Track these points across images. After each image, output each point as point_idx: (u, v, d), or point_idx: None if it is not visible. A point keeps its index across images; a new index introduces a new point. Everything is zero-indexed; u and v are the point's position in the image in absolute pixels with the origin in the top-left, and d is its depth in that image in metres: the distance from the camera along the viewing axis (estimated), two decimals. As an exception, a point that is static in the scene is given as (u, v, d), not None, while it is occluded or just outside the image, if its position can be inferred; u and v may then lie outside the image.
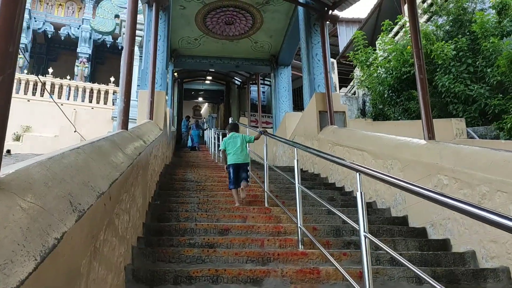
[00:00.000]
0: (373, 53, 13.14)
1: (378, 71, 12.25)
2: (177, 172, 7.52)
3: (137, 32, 13.63)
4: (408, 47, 10.81)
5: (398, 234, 4.31)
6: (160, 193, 5.55)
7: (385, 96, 12.09)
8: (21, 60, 22.32)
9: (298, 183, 3.96)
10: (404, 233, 4.35)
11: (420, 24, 7.18)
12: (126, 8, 19.87)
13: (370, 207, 5.43)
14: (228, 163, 5.57)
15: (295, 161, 4.12)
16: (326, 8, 8.65)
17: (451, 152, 4.15)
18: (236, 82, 22.61)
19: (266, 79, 20.97)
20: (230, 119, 9.62)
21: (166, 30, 8.81)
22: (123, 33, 19.02)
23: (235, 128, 6.00)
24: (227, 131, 6.08)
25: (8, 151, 16.89)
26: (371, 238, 2.41)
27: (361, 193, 2.53)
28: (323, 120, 8.08)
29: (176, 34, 11.81)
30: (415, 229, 4.43)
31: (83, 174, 2.05)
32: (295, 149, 4.35)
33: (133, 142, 3.96)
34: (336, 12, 8.76)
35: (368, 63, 13.30)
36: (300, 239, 3.75)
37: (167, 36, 8.82)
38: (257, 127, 18.51)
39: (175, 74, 18.42)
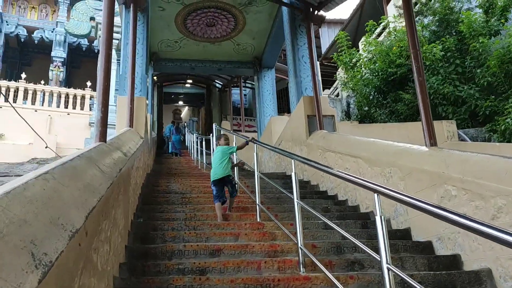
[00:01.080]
0: (357, 54, 12.94)
1: (363, 73, 12.04)
2: (160, 182, 7.09)
3: (114, 35, 13.10)
4: (394, 48, 10.63)
5: (403, 249, 4.00)
6: (143, 208, 5.13)
7: (371, 97, 11.89)
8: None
9: (297, 199, 3.60)
10: (409, 248, 4.04)
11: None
12: (101, 10, 19.31)
13: (367, 218, 5.12)
14: (211, 179, 5.33)
15: (293, 174, 3.75)
16: (311, 9, 8.36)
17: (458, 160, 3.86)
18: (217, 85, 22.22)
19: (247, 81, 20.64)
20: (214, 125, 9.21)
21: (145, 33, 8.37)
22: (99, 36, 18.49)
23: (220, 139, 5.80)
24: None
25: (-21, 160, 16.12)
26: (395, 271, 2.07)
27: (381, 217, 2.19)
28: (311, 125, 7.77)
29: (156, 37, 11.36)
30: (420, 243, 4.13)
31: (51, 209, 1.66)
32: (292, 160, 3.98)
33: (112, 156, 3.55)
34: (321, 12, 8.49)
35: (352, 64, 13.10)
36: (301, 261, 3.40)
37: (146, 38, 8.37)
38: (240, 131, 18.15)
39: (155, 77, 17.90)
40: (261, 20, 10.73)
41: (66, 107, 19.20)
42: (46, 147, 5.70)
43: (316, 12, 8.35)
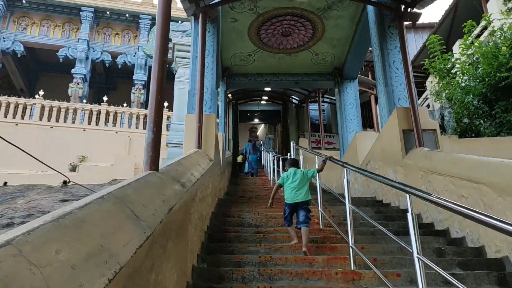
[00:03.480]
0: (454, 59, 11.32)
1: (462, 79, 10.42)
2: (231, 211, 6.23)
3: (184, 53, 12.76)
4: (503, 48, 8.96)
5: None
6: (209, 247, 4.26)
7: (473, 108, 10.20)
8: (80, 91, 22.61)
9: (418, 254, 2.47)
10: None
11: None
12: (178, 31, 19.36)
13: (501, 267, 3.78)
14: (285, 201, 4.99)
15: (409, 217, 2.60)
16: (403, 6, 7.15)
17: None
18: (294, 101, 21.32)
19: (326, 96, 19.48)
20: (292, 143, 8.25)
21: (215, 45, 7.69)
22: (176, 57, 18.53)
23: (295, 163, 5.42)
24: (286, 167, 5.46)
25: (65, 182, 16.64)
26: None
27: None
28: (408, 141, 6.49)
29: (228, 51, 10.73)
30: None
31: None
32: (408, 196, 2.79)
33: (163, 190, 2.70)
34: (415, 9, 7.23)
35: (446, 71, 11.50)
36: None
37: (216, 51, 7.69)
38: (319, 148, 16.99)
39: (229, 95, 17.46)
40: (342, 26, 9.64)
41: (144, 128, 19.45)
42: (69, 182, 5.18)
43: (409, 9, 7.12)
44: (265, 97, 20.91)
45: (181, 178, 3.46)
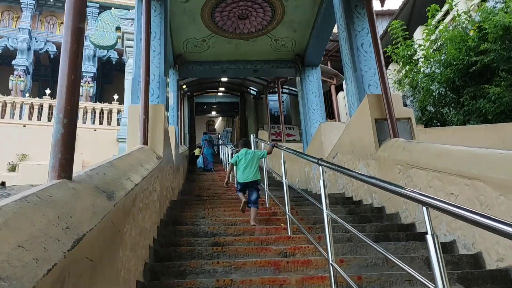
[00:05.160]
0: (418, 45, 10.90)
1: (429, 65, 9.99)
2: (184, 216, 5.36)
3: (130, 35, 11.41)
4: (471, 31, 8.55)
5: None
6: (154, 268, 3.38)
7: (439, 95, 9.79)
8: (22, 84, 20.84)
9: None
10: None
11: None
12: (127, 19, 18.05)
13: (507, 279, 3.17)
14: (237, 181, 5.58)
15: (431, 239, 1.86)
16: (372, -18, 6.50)
17: None
18: (252, 92, 20.56)
19: (284, 86, 18.83)
20: (252, 136, 7.47)
21: (163, 26, 6.71)
22: (125, 46, 17.22)
23: (247, 144, 5.87)
24: (239, 147, 5.91)
25: (3, 183, 15.06)
26: None
27: None
28: (381, 132, 5.84)
29: (180, 36, 9.74)
30: None
31: None
32: (424, 208, 2.03)
33: (71, 211, 1.82)
34: (383, -13, 6.62)
35: (410, 57, 11.09)
36: None
37: (164, 34, 6.72)
38: (280, 140, 16.34)
39: (184, 87, 16.43)
40: (303, 8, 8.88)
41: (93, 123, 18.07)
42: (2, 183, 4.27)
43: (377, -14, 6.49)
44: (222, 89, 20.02)
45: (109, 187, 2.57)
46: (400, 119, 5.90)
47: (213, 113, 27.19)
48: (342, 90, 18.38)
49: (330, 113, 19.03)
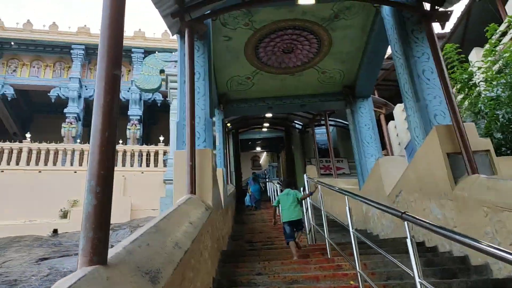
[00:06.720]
0: (477, 67, 10.08)
1: (492, 89, 9.13)
2: (238, 272, 4.80)
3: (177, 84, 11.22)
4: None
5: None
6: None
7: (508, 120, 8.85)
8: (73, 130, 21.49)
9: None
10: None
11: None
12: (171, 61, 18.30)
13: None
14: (282, 220, 5.97)
15: None
16: (431, 4, 5.94)
17: None
18: (297, 126, 20.08)
19: (330, 118, 18.23)
20: (305, 176, 6.92)
21: (207, 66, 6.42)
22: (169, 88, 17.39)
23: (289, 185, 6.32)
24: (283, 187, 6.44)
25: (55, 231, 15.18)
26: None
27: None
28: (456, 167, 5.13)
29: (223, 75, 9.50)
30: None
31: None
32: None
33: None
34: (443, 8, 6.03)
35: (466, 80, 10.27)
36: None
37: (208, 73, 6.42)
38: (331, 175, 15.61)
39: (228, 124, 16.20)
40: (352, 37, 8.40)
41: (140, 165, 18.16)
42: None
43: (437, 7, 5.91)
44: (266, 124, 19.68)
45: (153, 264, 2.10)
46: (477, 152, 5.18)
47: (258, 148, 26.86)
48: (392, 119, 17.55)
49: (382, 144, 18.15)
